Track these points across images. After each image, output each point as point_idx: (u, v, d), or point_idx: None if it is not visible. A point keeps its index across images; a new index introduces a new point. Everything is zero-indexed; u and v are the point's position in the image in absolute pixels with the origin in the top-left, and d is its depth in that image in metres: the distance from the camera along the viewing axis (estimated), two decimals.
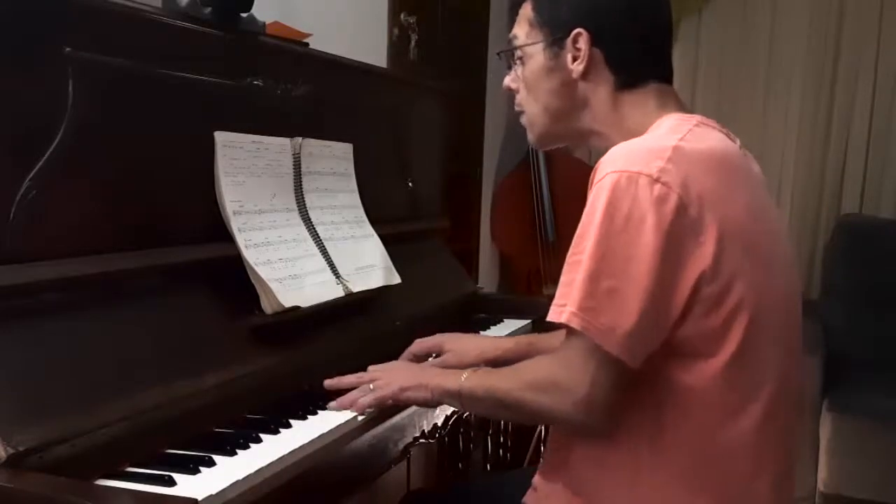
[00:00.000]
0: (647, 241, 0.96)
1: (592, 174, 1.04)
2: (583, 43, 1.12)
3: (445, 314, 1.81)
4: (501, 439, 2.21)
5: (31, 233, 1.02)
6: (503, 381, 1.12)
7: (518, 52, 1.19)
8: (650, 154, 1.00)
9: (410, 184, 1.96)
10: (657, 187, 0.97)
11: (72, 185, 1.08)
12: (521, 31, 1.19)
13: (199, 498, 0.88)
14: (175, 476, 0.94)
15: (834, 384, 2.67)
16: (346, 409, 1.21)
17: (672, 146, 1.01)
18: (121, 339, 1.08)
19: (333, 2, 2.18)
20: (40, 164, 1.03)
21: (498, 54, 1.25)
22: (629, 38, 1.13)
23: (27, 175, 1.02)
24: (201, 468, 0.98)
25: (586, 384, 1.00)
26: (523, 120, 1.23)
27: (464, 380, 1.16)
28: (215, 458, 1.00)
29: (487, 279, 3.19)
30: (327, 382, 1.26)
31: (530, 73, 1.18)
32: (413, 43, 2.59)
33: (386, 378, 1.23)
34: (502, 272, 3.37)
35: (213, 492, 0.91)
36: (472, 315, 1.94)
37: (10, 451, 0.86)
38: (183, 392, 1.10)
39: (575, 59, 1.14)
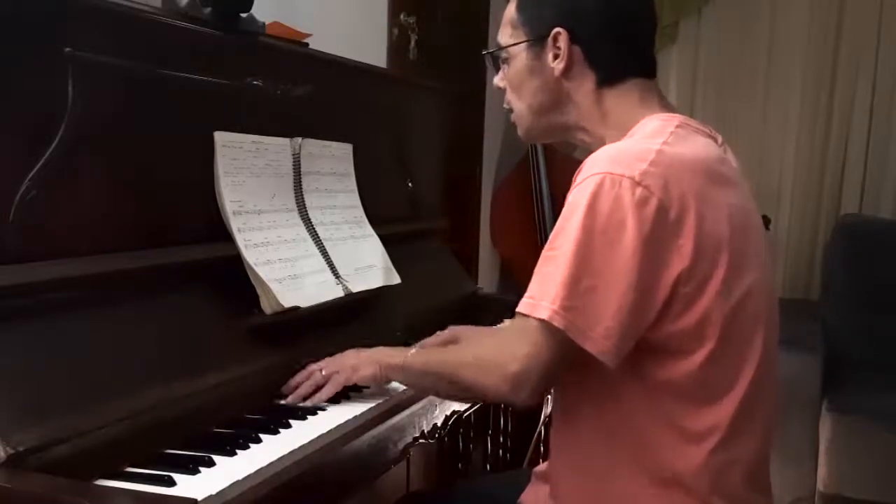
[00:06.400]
0: (627, 242, 0.98)
1: (576, 173, 1.06)
2: (562, 42, 1.14)
3: (445, 314, 1.81)
4: (501, 439, 2.21)
5: (31, 233, 1.02)
6: (443, 357, 1.21)
7: (503, 53, 1.21)
8: (634, 157, 1.02)
9: (410, 184, 1.96)
10: (639, 190, 0.98)
11: (72, 185, 1.08)
12: (505, 33, 1.21)
13: (199, 498, 0.88)
14: (175, 476, 0.95)
15: (834, 384, 2.66)
16: (301, 401, 1.24)
17: (656, 149, 1.03)
18: (121, 339, 1.08)
19: (333, 2, 2.18)
20: (40, 164, 1.03)
21: (483, 55, 1.26)
22: (608, 36, 1.15)
23: (27, 175, 1.02)
24: (201, 468, 0.98)
25: (517, 362, 1.03)
26: (512, 117, 1.25)
27: (408, 355, 1.23)
28: (215, 458, 1.00)
29: (487, 280, 3.19)
30: (284, 389, 1.28)
31: (515, 72, 1.20)
32: (413, 43, 2.58)
33: (336, 364, 1.28)
34: (502, 273, 3.36)
35: (213, 492, 0.91)
36: (471, 315, 1.93)
37: (10, 451, 0.86)
38: (183, 392, 1.10)
39: (556, 57, 1.15)
